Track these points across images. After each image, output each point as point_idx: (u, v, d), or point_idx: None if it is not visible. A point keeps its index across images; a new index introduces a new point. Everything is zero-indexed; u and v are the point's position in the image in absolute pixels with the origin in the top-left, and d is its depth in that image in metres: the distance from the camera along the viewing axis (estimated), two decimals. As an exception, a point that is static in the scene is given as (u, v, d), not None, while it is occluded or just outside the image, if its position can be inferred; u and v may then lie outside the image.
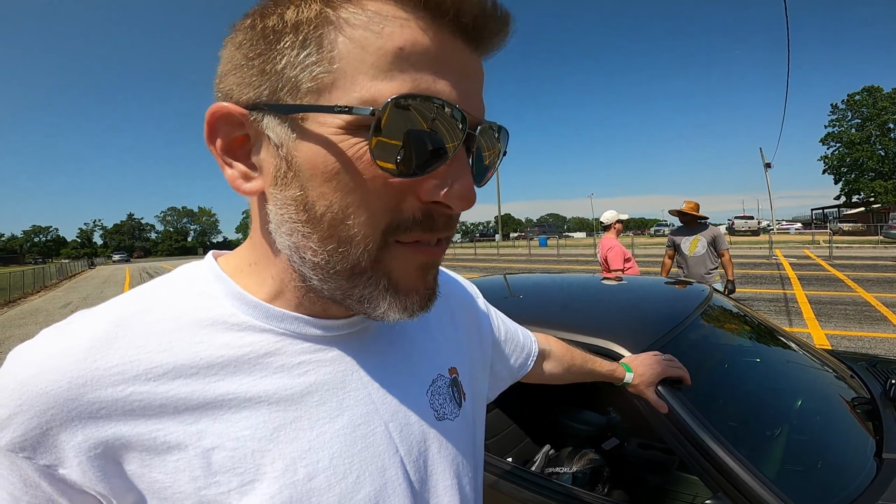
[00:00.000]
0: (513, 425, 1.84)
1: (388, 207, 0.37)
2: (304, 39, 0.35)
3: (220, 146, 0.40)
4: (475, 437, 0.57)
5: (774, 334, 1.85)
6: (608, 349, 1.25)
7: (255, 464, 0.38)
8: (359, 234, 0.37)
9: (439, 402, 0.51)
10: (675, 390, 1.10)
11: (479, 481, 0.58)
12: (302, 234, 0.38)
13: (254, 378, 0.40)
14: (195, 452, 0.37)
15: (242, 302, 0.43)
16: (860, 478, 1.08)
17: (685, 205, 4.56)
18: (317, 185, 0.37)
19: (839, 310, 6.82)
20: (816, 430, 1.38)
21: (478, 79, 0.40)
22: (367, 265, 0.39)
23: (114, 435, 0.36)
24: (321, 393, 0.43)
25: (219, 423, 0.38)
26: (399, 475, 0.44)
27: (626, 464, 1.60)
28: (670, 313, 1.55)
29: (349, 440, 0.42)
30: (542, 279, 2.45)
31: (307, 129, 0.36)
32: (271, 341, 0.42)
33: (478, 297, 0.71)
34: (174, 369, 0.38)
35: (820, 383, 1.62)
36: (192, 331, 0.40)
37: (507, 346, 0.75)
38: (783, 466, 1.13)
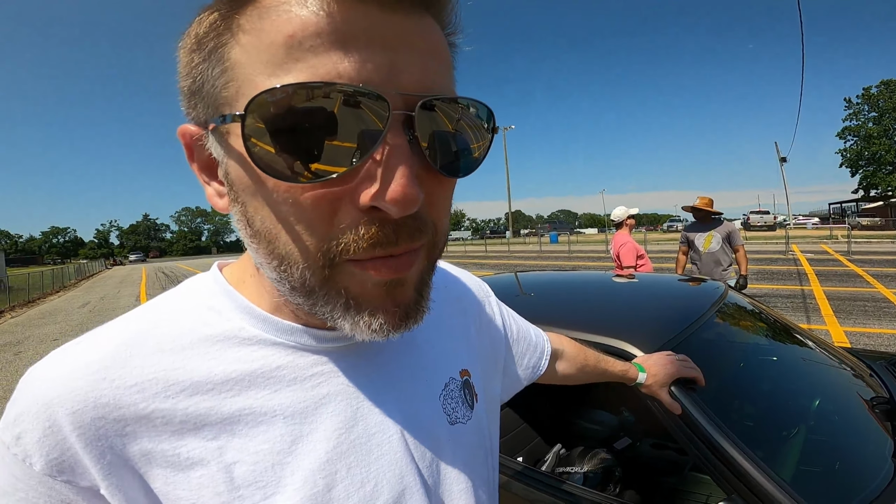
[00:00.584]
0: (524, 424, 1.84)
1: (320, 220, 0.33)
2: (208, 53, 0.34)
3: (197, 166, 0.40)
4: (490, 438, 0.57)
5: (791, 332, 1.82)
6: (621, 349, 1.23)
7: (276, 476, 0.39)
8: (293, 252, 0.35)
9: (451, 406, 0.51)
10: (688, 391, 1.08)
11: (493, 483, 0.57)
12: (254, 249, 0.38)
13: (268, 392, 0.41)
14: (217, 468, 0.38)
15: (251, 315, 0.43)
16: (877, 480, 1.05)
17: (699, 201, 4.50)
18: (249, 200, 0.36)
19: (858, 306, 6.69)
20: (833, 430, 1.35)
21: (416, 45, 0.33)
22: (315, 284, 0.36)
23: (140, 452, 0.37)
24: (335, 404, 0.43)
25: (238, 438, 0.39)
26: (416, 482, 0.44)
27: (638, 464, 1.58)
28: (684, 312, 1.53)
29: (365, 449, 0.43)
30: (553, 277, 2.43)
31: (230, 144, 0.35)
32: (282, 354, 0.42)
33: (490, 295, 0.70)
34: (191, 386, 0.39)
35: (837, 382, 1.59)
36: (203, 347, 0.41)
37: (520, 345, 0.74)
38: (799, 468, 1.11)
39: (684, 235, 4.58)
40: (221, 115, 0.33)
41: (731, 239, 4.30)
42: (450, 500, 0.48)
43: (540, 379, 0.80)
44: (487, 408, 0.58)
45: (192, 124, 0.38)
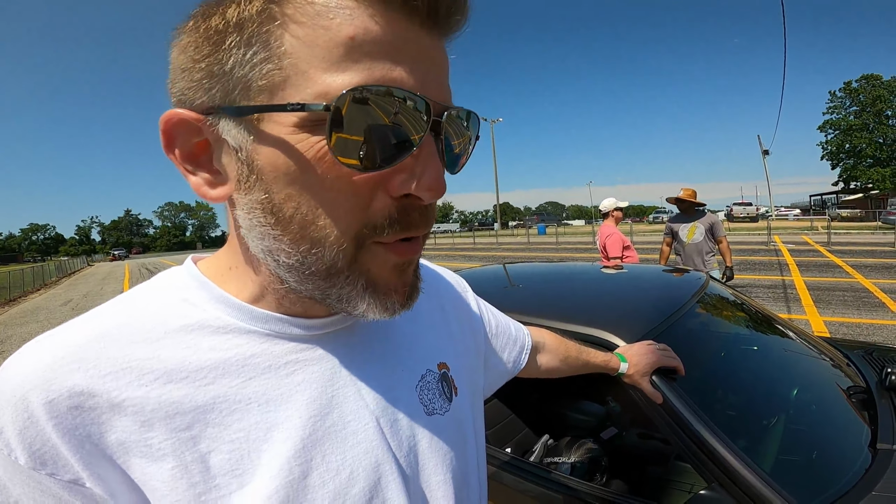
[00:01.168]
0: (512, 416, 1.86)
1: (359, 206, 0.37)
2: (249, 38, 0.34)
3: (179, 154, 0.39)
4: (474, 431, 0.57)
5: (771, 322, 1.85)
6: (603, 339, 1.24)
7: (252, 465, 0.39)
8: (331, 234, 0.37)
9: (428, 396, 0.51)
10: (669, 380, 1.10)
11: (478, 476, 0.57)
12: (273, 237, 0.38)
13: (242, 380, 0.41)
14: (192, 457, 0.37)
15: (226, 305, 0.43)
16: (855, 468, 1.08)
17: (682, 192, 4.55)
18: (282, 188, 0.36)
19: (837, 296, 6.84)
20: (812, 419, 1.38)
21: (439, 63, 0.38)
22: (344, 265, 0.38)
23: (116, 442, 0.36)
24: (310, 391, 0.43)
25: (212, 427, 0.38)
26: (392, 470, 0.44)
27: (625, 454, 1.61)
28: (666, 302, 1.55)
29: (341, 437, 0.43)
30: (537, 268, 2.45)
31: (264, 131, 0.35)
32: (257, 342, 0.42)
33: (467, 290, 0.70)
34: (164, 374, 0.38)
35: (816, 372, 1.62)
36: (178, 337, 0.40)
37: (500, 339, 0.74)
38: (778, 457, 1.13)
39: (668, 227, 4.64)
40: (285, 102, 0.34)
41: (714, 230, 4.37)
42: (428, 490, 0.48)
43: (523, 373, 0.81)
44: (471, 402, 0.58)
45: (188, 109, 0.37)
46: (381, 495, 0.43)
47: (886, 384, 1.39)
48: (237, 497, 0.38)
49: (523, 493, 1.27)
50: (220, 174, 0.39)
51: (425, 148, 0.37)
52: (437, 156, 0.38)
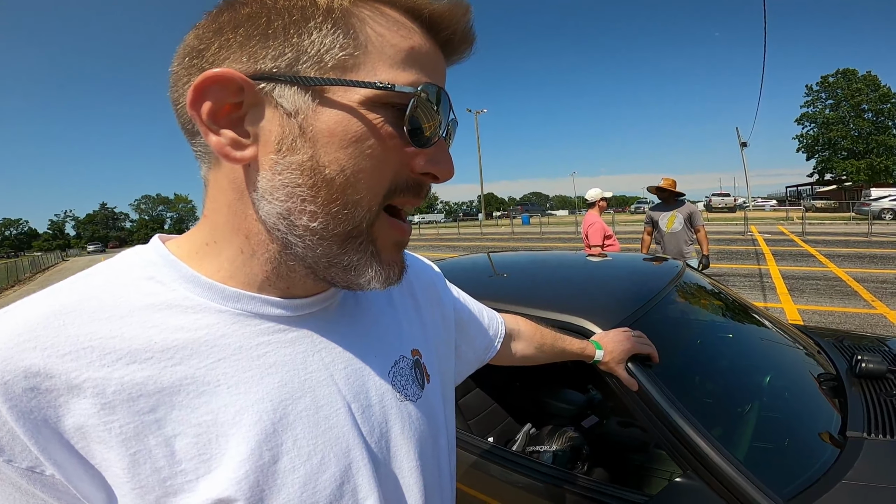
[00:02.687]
0: (494, 405, 1.87)
1: (392, 173, 0.42)
2: (334, 23, 0.39)
3: (206, 111, 0.39)
4: (444, 418, 0.58)
5: (745, 310, 1.89)
6: (580, 326, 1.25)
7: (221, 449, 0.38)
8: (365, 197, 0.41)
9: (402, 383, 0.51)
10: (644, 367, 1.11)
11: (450, 463, 0.58)
12: (302, 198, 0.40)
13: (211, 360, 0.40)
14: (156, 441, 0.36)
15: (196, 284, 0.42)
16: (825, 456, 1.10)
17: (663, 181, 4.63)
18: (332, 151, 0.39)
19: (811, 285, 7.02)
20: (784, 407, 1.40)
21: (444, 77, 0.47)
22: (364, 228, 0.42)
23: (74, 426, 0.35)
24: (282, 374, 0.42)
25: (178, 410, 0.37)
26: (363, 455, 0.44)
27: (606, 442, 1.63)
28: (642, 289, 1.56)
29: (313, 421, 0.42)
30: (518, 257, 2.46)
31: (329, 100, 0.39)
32: (227, 322, 0.42)
33: (440, 277, 0.71)
34: (128, 354, 0.37)
35: (789, 360, 1.65)
36: (143, 316, 0.39)
37: (472, 327, 0.75)
38: (751, 444, 1.15)
39: (649, 216, 4.72)
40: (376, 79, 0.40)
41: (693, 219, 4.45)
42: (400, 477, 0.48)
43: (498, 360, 0.82)
44: (442, 389, 0.59)
45: (238, 70, 0.39)
46: (351, 481, 0.43)
47: (856, 372, 1.43)
48: (204, 482, 0.37)
49: (506, 482, 1.28)
50: (247, 136, 0.40)
51: (444, 140, 0.46)
52: (446, 147, 0.47)
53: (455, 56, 0.48)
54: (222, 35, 0.40)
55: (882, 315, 5.26)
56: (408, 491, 0.49)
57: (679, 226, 4.45)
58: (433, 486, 0.52)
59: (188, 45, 0.41)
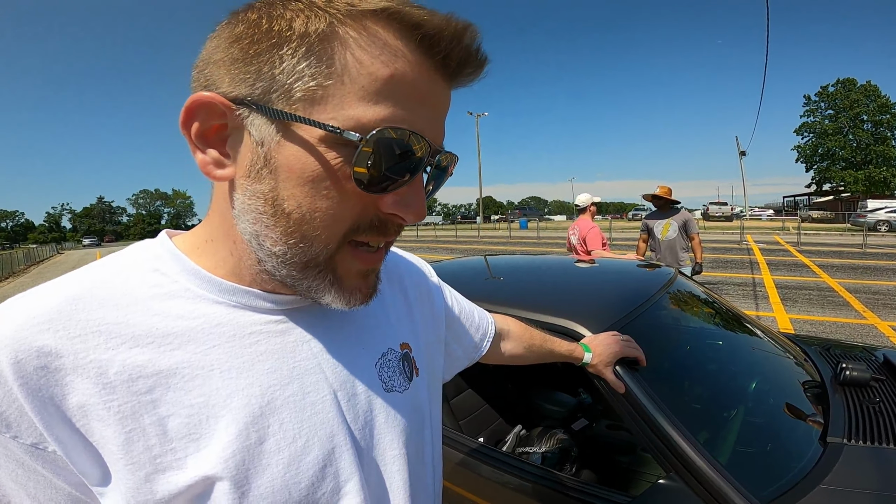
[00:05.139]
0: (486, 405, 1.88)
1: (354, 215, 0.42)
2: (307, 50, 0.37)
3: (194, 131, 0.41)
4: (430, 411, 0.59)
5: (736, 318, 1.91)
6: (570, 329, 1.27)
7: (210, 429, 0.40)
8: (322, 234, 0.41)
9: (388, 374, 0.53)
10: (632, 371, 1.13)
11: (433, 455, 0.60)
12: (265, 224, 0.41)
13: (206, 347, 0.42)
14: (150, 420, 0.39)
15: (197, 277, 0.45)
16: (804, 460, 1.12)
17: (658, 189, 4.64)
18: (290, 186, 0.40)
19: (804, 295, 7.06)
20: (768, 413, 1.42)
21: (445, 109, 0.44)
22: (323, 261, 0.43)
23: (77, 405, 0.37)
24: (272, 361, 0.45)
25: (172, 392, 0.40)
26: (346, 441, 0.46)
27: (594, 444, 1.65)
28: (633, 295, 1.58)
29: (299, 406, 0.45)
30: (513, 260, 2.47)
31: (292, 134, 0.39)
32: (223, 313, 0.44)
33: (431, 275, 0.72)
34: (131, 339, 0.40)
35: (775, 367, 1.67)
36: (148, 304, 0.42)
37: (462, 325, 0.76)
38: (734, 448, 1.17)
39: (644, 223, 4.74)
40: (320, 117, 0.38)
41: (687, 227, 4.47)
42: (383, 464, 0.50)
43: (487, 359, 0.83)
44: (429, 383, 0.61)
45: (221, 95, 0.39)
46: (334, 464, 0.45)
47: (841, 379, 1.46)
48: (192, 460, 0.39)
49: (495, 482, 1.30)
50: (229, 157, 0.42)
51: (419, 181, 0.44)
52: (423, 187, 0.45)
53: (459, 81, 0.44)
54: (218, 51, 0.40)
55: (873, 325, 5.31)
56: (389, 478, 0.51)
57: (674, 233, 4.47)
58: (417, 475, 0.54)
59: (201, 54, 0.42)
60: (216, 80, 0.40)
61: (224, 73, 0.39)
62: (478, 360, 0.81)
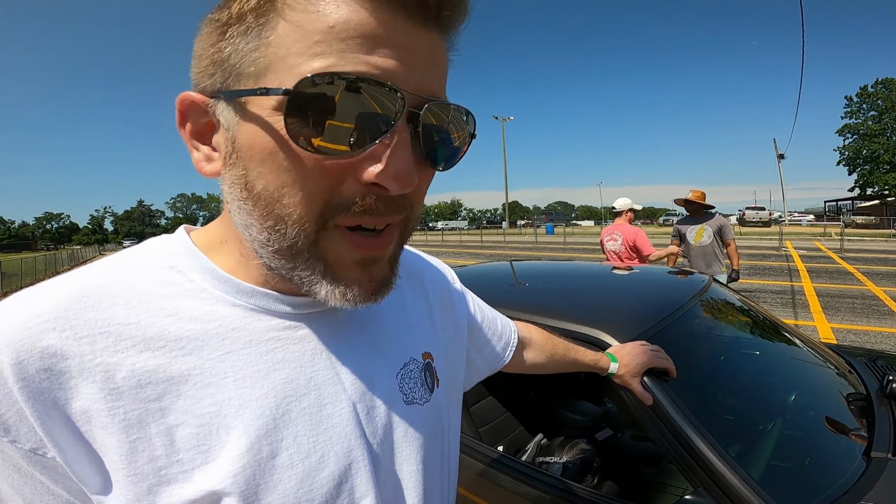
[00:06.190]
0: (507, 413, 1.85)
1: (325, 188, 0.37)
2: (246, 28, 0.36)
3: (189, 130, 0.41)
4: (449, 425, 0.57)
5: (773, 327, 1.82)
6: (596, 338, 1.23)
7: (221, 441, 0.38)
8: (294, 213, 0.37)
9: (409, 385, 0.51)
10: (661, 382, 1.08)
11: (449, 469, 0.57)
12: (246, 212, 0.39)
13: (220, 353, 0.40)
14: (157, 430, 0.36)
15: (214, 277, 0.43)
16: (846, 476, 1.06)
17: (691, 194, 4.50)
18: (255, 165, 0.38)
19: (847, 303, 6.75)
20: (807, 426, 1.36)
21: (425, 56, 0.38)
22: (304, 246, 0.39)
23: (80, 409, 0.35)
24: (288, 370, 0.42)
25: (183, 400, 0.38)
26: (364, 457, 0.44)
27: (618, 455, 1.60)
28: (663, 303, 1.53)
29: (315, 419, 0.42)
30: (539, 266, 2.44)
31: (247, 112, 0.37)
32: (240, 316, 0.42)
33: (454, 282, 0.70)
34: (142, 342, 0.38)
35: (816, 378, 1.60)
36: (160, 304, 0.40)
37: (484, 334, 0.73)
38: (769, 463, 1.11)
39: (676, 229, 4.60)
40: (263, 87, 0.35)
41: (723, 233, 4.31)
42: (399, 480, 0.47)
43: (508, 368, 0.81)
44: (448, 394, 0.58)
45: (197, 92, 0.40)
46: (350, 480, 0.43)
47: (887, 392, 1.37)
48: (199, 473, 0.37)
49: (513, 493, 1.26)
50: (216, 151, 0.41)
51: (397, 138, 0.37)
52: (408, 147, 0.37)
53: (433, 20, 0.37)
54: (196, 50, 0.40)
55: (923, 337, 5.01)
56: (407, 494, 0.48)
57: (708, 239, 4.31)
58: (432, 491, 0.52)
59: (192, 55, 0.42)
60: (197, 78, 0.40)
61: (198, 70, 0.40)
62: (499, 368, 0.79)
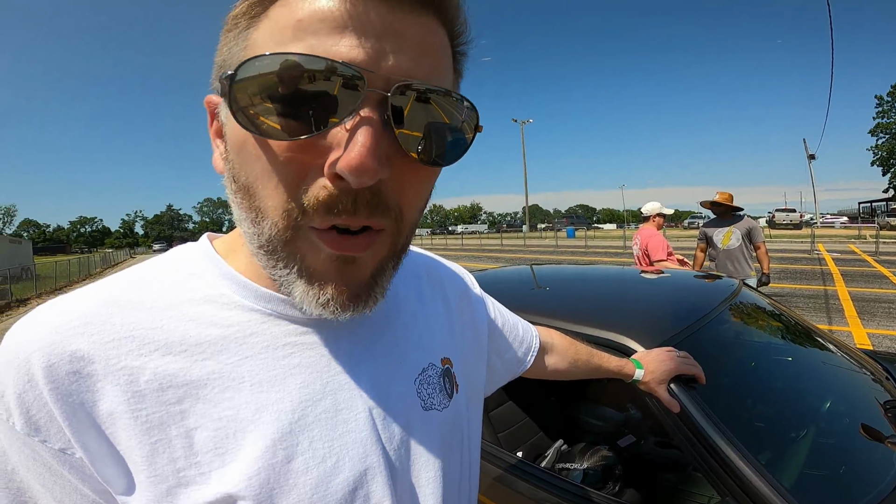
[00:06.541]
0: (526, 419, 1.82)
1: (292, 180, 0.35)
2: (238, 32, 0.37)
3: (214, 130, 0.43)
4: (469, 430, 0.56)
5: (807, 332, 1.76)
6: (621, 344, 1.21)
7: (237, 444, 0.38)
8: (268, 204, 0.37)
9: (427, 391, 0.50)
10: (688, 389, 1.05)
11: (472, 477, 0.56)
12: (237, 205, 0.40)
13: (238, 358, 0.41)
14: (177, 432, 0.37)
15: (232, 282, 0.44)
16: (881, 485, 1.01)
17: (718, 195, 4.39)
18: (235, 157, 0.38)
19: (883, 308, 6.49)
20: (841, 433, 1.30)
21: (403, 38, 0.35)
22: (279, 243, 0.38)
23: (106, 411, 0.36)
24: (305, 375, 0.42)
25: (202, 403, 0.38)
26: (380, 463, 0.43)
27: (641, 462, 1.56)
28: (691, 308, 1.49)
29: (330, 424, 0.42)
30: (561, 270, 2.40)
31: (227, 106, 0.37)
32: (258, 321, 0.43)
33: (473, 286, 0.69)
34: (164, 346, 0.39)
35: (851, 385, 1.53)
36: (182, 310, 0.41)
37: (505, 338, 0.72)
38: (802, 472, 1.07)
39: (702, 232, 4.48)
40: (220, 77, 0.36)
41: (752, 235, 4.18)
42: (417, 487, 0.47)
43: (529, 373, 0.79)
44: (468, 399, 0.57)
45: (215, 95, 0.41)
46: (365, 487, 0.42)
47: (926, 399, 1.30)
48: (217, 475, 0.37)
49: (531, 499, 1.24)
50: None
51: (359, 122, 0.34)
52: (372, 134, 0.33)
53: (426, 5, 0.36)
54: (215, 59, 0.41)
55: (967, 344, 4.77)
56: (424, 502, 0.47)
57: (736, 242, 4.19)
58: (451, 498, 0.51)
59: None
60: (213, 81, 0.41)
61: (213, 74, 0.41)
62: (520, 374, 0.77)
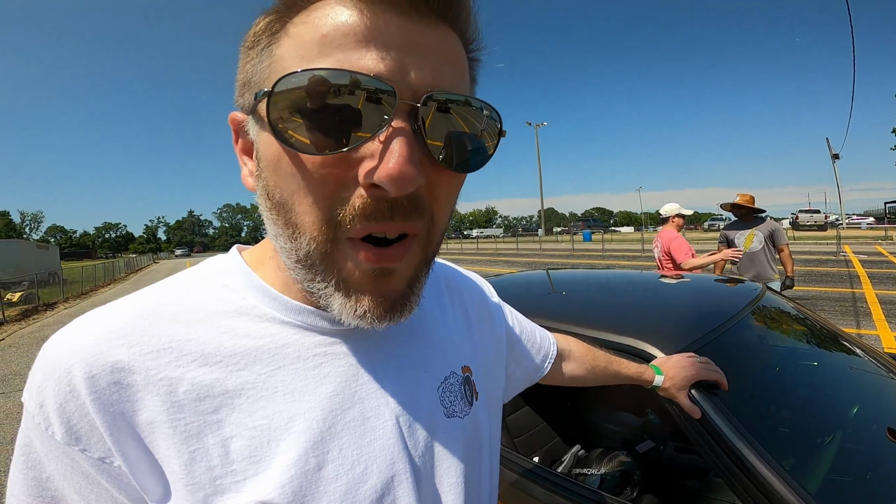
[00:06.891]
0: (543, 424, 1.81)
1: (329, 193, 0.37)
2: (261, 49, 0.38)
3: (239, 147, 0.45)
4: (489, 437, 0.57)
5: (833, 337, 1.71)
6: (640, 350, 1.19)
7: (271, 452, 0.39)
8: (305, 220, 0.38)
9: (450, 399, 0.51)
10: (710, 395, 1.03)
11: (491, 482, 0.57)
12: (272, 221, 0.40)
13: (271, 368, 0.42)
14: (213, 441, 0.38)
15: (264, 294, 0.45)
16: None
17: (739, 197, 4.30)
18: (270, 174, 0.39)
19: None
20: (869, 439, 1.26)
21: (426, 48, 0.37)
22: (317, 258, 0.39)
23: (146, 421, 0.38)
24: (335, 384, 0.44)
25: (237, 413, 0.40)
26: (406, 469, 0.44)
27: (660, 468, 1.53)
28: (712, 313, 1.46)
29: (359, 432, 0.43)
30: (578, 275, 2.38)
31: (262, 121, 0.38)
32: (289, 333, 0.44)
33: (492, 295, 0.70)
34: (201, 357, 0.40)
35: (880, 390, 1.48)
36: (216, 321, 0.42)
37: (524, 346, 0.73)
38: (828, 479, 1.04)
39: (723, 234, 4.40)
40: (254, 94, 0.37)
41: (775, 237, 4.09)
42: (440, 493, 0.48)
43: (547, 380, 0.80)
44: (488, 407, 0.58)
45: (240, 112, 0.43)
46: (392, 493, 0.43)
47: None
48: (251, 483, 0.38)
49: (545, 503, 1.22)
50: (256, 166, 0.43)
51: (393, 133, 0.35)
52: (407, 144, 0.35)
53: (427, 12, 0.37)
54: (236, 77, 0.42)
55: None
56: None
57: (759, 244, 4.09)
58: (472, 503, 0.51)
59: None
60: (237, 100, 0.42)
61: (237, 93, 0.42)
62: (538, 381, 0.78)
